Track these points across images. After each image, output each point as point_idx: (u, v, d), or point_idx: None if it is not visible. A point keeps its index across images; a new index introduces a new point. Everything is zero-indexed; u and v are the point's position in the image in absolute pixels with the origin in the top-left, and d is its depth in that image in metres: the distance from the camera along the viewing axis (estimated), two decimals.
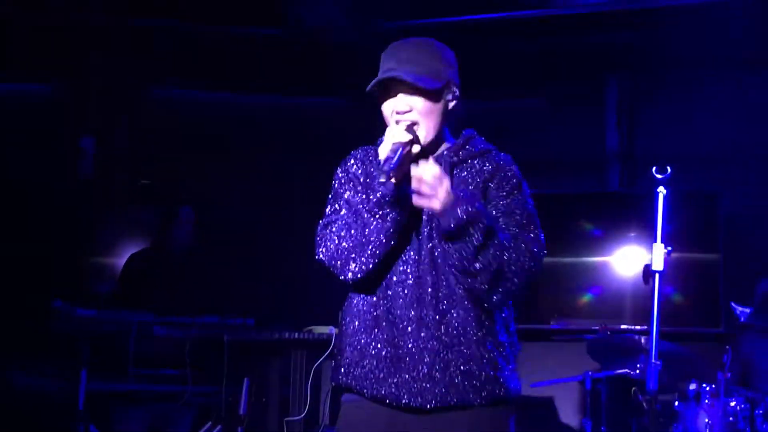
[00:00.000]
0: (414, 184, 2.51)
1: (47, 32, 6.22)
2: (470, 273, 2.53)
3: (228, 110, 7.04)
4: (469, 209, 2.50)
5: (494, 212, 2.63)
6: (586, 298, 6.42)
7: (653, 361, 2.53)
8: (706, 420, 4.75)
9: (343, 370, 2.66)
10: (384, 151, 2.55)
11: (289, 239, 6.37)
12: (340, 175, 2.75)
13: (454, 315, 2.59)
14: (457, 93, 2.71)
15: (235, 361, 5.04)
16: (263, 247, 6.52)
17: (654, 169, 2.94)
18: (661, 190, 2.90)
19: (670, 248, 2.77)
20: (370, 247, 2.56)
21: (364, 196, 2.62)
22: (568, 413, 6.36)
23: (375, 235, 2.56)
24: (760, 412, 4.68)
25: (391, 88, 2.64)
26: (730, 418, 4.73)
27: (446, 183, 2.51)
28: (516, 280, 2.55)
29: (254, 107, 7.06)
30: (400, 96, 2.63)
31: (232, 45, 6.42)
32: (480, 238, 2.50)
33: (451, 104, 2.71)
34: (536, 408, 6.20)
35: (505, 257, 2.53)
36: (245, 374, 5.14)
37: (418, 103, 2.63)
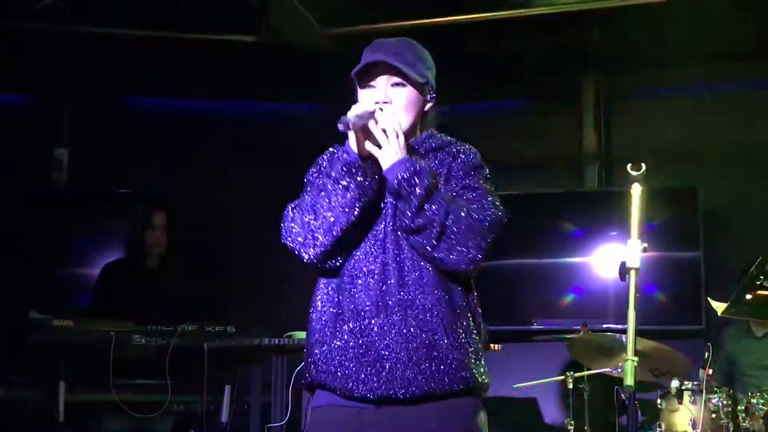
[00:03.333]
0: (376, 125, 2.53)
1: (20, 42, 6.18)
2: (414, 229, 2.53)
3: (202, 117, 7.03)
4: (416, 164, 2.54)
5: (453, 184, 2.65)
6: (568, 298, 6.43)
7: (630, 357, 2.52)
8: (689, 417, 4.77)
9: (312, 368, 2.62)
10: (351, 112, 2.55)
11: (267, 245, 6.35)
12: (313, 170, 2.76)
13: (420, 301, 2.56)
14: (434, 96, 2.75)
15: (216, 369, 5.02)
16: (241, 254, 6.49)
17: (629, 166, 2.92)
18: (636, 187, 2.89)
19: (645, 245, 2.75)
20: (335, 216, 2.54)
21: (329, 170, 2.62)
22: (552, 413, 6.36)
23: (340, 202, 2.54)
24: (743, 408, 4.69)
25: (373, 77, 2.67)
26: (713, 415, 4.74)
27: (402, 140, 2.55)
28: (462, 238, 2.52)
29: (228, 113, 7.05)
30: (382, 86, 2.66)
31: (205, 52, 6.40)
32: (422, 191, 2.50)
33: (428, 105, 2.74)
34: (519, 409, 6.20)
35: (452, 214, 2.51)
36: (226, 381, 5.11)
37: (399, 95, 2.66)
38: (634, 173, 2.92)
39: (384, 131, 2.54)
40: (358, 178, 2.55)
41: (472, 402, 2.61)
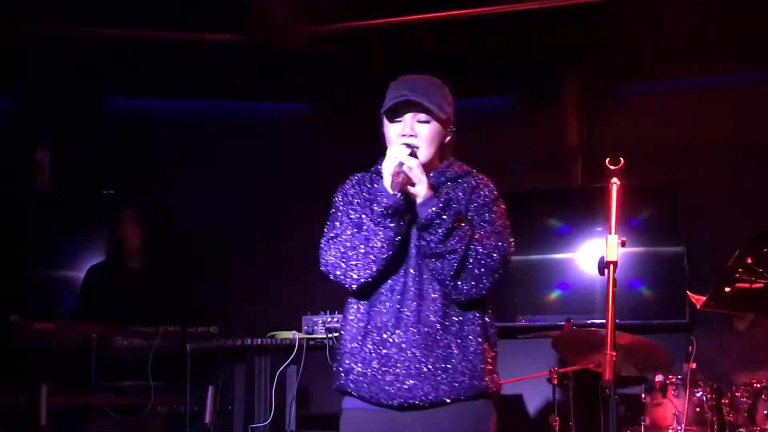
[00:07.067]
0: (406, 170, 2.76)
1: (1, 45, 6.15)
2: (438, 255, 2.76)
3: (184, 117, 7.01)
4: (444, 198, 2.81)
5: (472, 216, 2.89)
6: (554, 294, 6.42)
7: (609, 352, 2.54)
8: (673, 411, 4.77)
9: (342, 375, 2.91)
10: (388, 166, 2.77)
11: (249, 245, 6.35)
12: (340, 197, 2.99)
13: (436, 317, 2.82)
14: (453, 129, 2.97)
15: (199, 370, 5.02)
16: (224, 254, 6.47)
17: (607, 160, 2.93)
18: (615, 182, 2.90)
19: (623, 239, 2.77)
20: (373, 254, 2.80)
21: (366, 210, 2.84)
22: (537, 409, 6.36)
23: (379, 243, 2.79)
24: (726, 401, 4.70)
25: (400, 114, 2.89)
26: (697, 409, 4.75)
27: (425, 176, 2.79)
28: (480, 270, 2.78)
29: (210, 113, 7.03)
30: (408, 122, 2.88)
31: (185, 51, 6.37)
32: (450, 222, 2.75)
33: (447, 138, 2.96)
34: (504, 405, 6.17)
35: (473, 247, 2.76)
36: (209, 382, 5.11)
37: (423, 130, 2.88)
38: (612, 168, 2.93)
39: (411, 170, 2.76)
40: (400, 222, 2.80)
41: (485, 405, 2.88)
